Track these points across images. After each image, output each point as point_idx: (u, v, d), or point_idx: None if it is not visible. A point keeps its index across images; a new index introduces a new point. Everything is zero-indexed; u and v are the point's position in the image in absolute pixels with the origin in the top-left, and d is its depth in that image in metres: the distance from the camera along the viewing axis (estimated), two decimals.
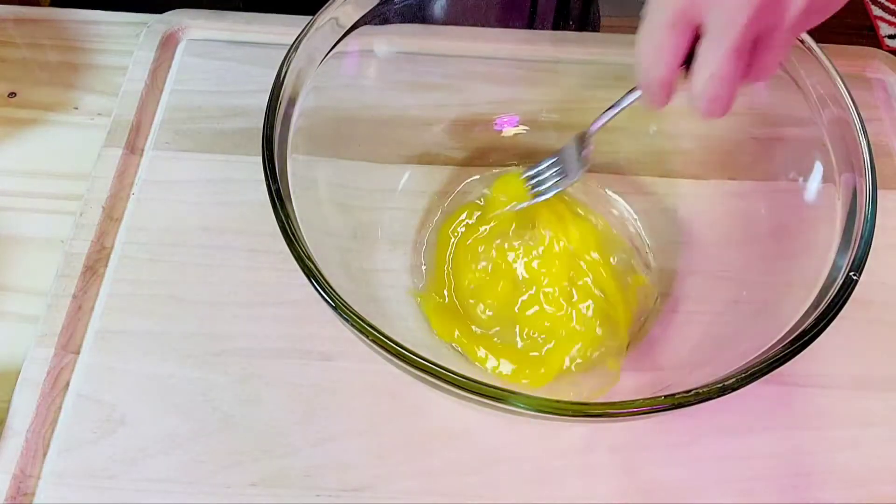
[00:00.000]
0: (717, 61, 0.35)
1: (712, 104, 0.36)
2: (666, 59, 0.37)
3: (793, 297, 0.40)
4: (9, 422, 0.43)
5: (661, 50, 0.37)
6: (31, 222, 0.52)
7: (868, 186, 0.41)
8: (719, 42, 0.34)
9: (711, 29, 0.35)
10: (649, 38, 0.37)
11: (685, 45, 0.36)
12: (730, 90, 0.36)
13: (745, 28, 0.33)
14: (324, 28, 0.46)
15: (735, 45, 0.34)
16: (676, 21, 0.36)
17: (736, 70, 0.35)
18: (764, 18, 0.33)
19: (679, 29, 0.36)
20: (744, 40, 0.34)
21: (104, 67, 0.60)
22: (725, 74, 0.35)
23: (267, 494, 0.42)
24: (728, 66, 0.35)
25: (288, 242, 0.38)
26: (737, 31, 0.34)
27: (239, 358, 0.46)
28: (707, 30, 0.35)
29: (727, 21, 0.34)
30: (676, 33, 0.36)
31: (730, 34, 0.34)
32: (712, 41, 0.35)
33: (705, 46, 0.35)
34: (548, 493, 0.43)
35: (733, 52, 0.34)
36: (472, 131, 0.55)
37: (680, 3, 0.35)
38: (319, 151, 0.47)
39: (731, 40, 0.34)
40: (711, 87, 0.36)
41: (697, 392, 0.35)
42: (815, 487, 0.44)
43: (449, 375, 0.34)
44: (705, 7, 0.35)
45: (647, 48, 0.37)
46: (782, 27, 0.34)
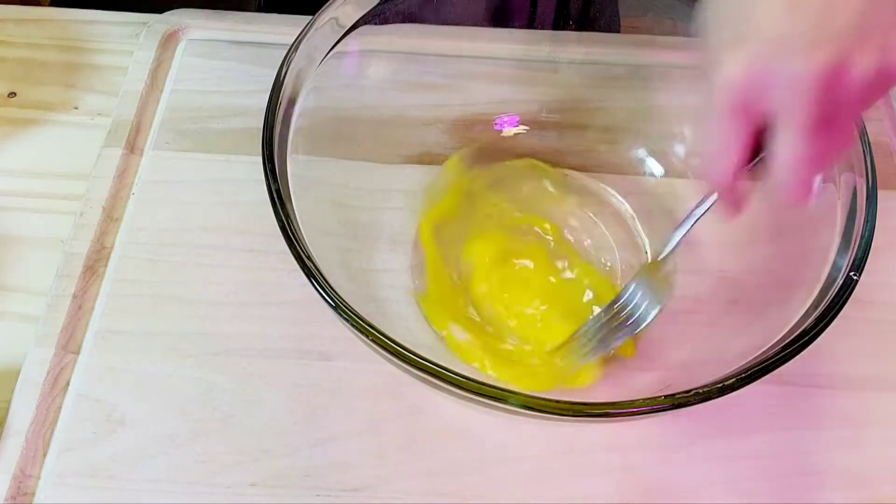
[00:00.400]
0: (794, 142, 0.33)
1: (796, 188, 0.34)
2: (732, 149, 0.35)
3: (793, 297, 0.40)
4: (9, 422, 0.43)
5: (724, 138, 0.35)
6: (31, 222, 0.52)
7: (868, 186, 0.41)
8: (791, 122, 0.33)
9: (779, 112, 0.33)
10: (712, 129, 0.36)
11: (750, 132, 0.35)
12: (812, 171, 0.34)
13: (814, 103, 0.32)
14: (324, 28, 0.46)
15: (808, 122, 0.33)
16: (737, 108, 0.34)
17: (814, 148, 0.33)
18: (830, 91, 0.32)
19: (741, 116, 0.34)
20: (816, 117, 0.33)
21: (104, 67, 0.60)
22: (803, 154, 0.33)
23: (267, 494, 0.42)
24: (806, 146, 0.33)
25: (288, 242, 0.38)
26: (806, 108, 0.32)
27: (239, 358, 0.46)
28: (775, 115, 0.34)
29: (794, 99, 0.33)
30: (739, 121, 0.34)
31: (800, 112, 0.33)
32: (784, 123, 0.33)
33: (777, 131, 0.34)
34: (548, 493, 0.43)
35: (807, 129, 0.33)
36: (472, 131, 0.55)
37: (737, 86, 0.34)
38: (319, 151, 0.47)
39: (803, 118, 0.33)
40: (792, 170, 0.34)
41: (697, 392, 0.35)
42: (815, 487, 0.43)
43: (449, 375, 0.34)
44: (767, 91, 0.33)
45: (711, 140, 0.36)
46: (851, 100, 0.33)
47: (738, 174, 0.36)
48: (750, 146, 0.35)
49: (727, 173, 0.36)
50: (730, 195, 0.38)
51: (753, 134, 0.35)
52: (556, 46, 0.56)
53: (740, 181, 0.37)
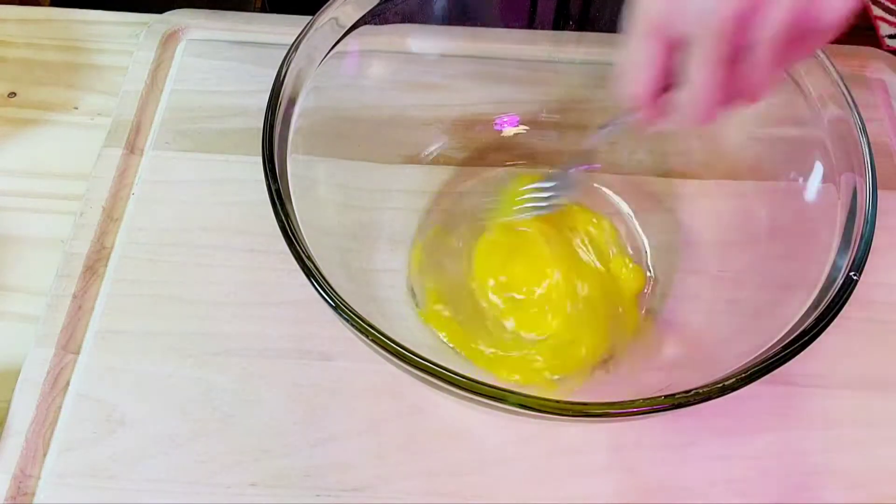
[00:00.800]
0: (699, 71, 0.35)
1: (699, 111, 0.36)
2: (644, 71, 0.37)
3: (793, 297, 0.40)
4: (9, 422, 0.43)
5: (638, 62, 0.37)
6: (31, 222, 0.52)
7: (868, 186, 0.41)
8: (699, 53, 0.34)
9: (691, 41, 0.35)
10: (628, 51, 0.38)
11: (662, 58, 0.36)
12: (714, 98, 0.35)
13: (722, 38, 0.33)
14: (324, 28, 0.46)
15: (714, 55, 0.34)
16: (651, 31, 0.36)
17: (719, 79, 0.35)
18: (740, 31, 0.33)
19: (656, 41, 0.36)
20: (722, 51, 0.34)
21: (104, 67, 0.60)
22: (708, 83, 0.35)
23: (267, 494, 0.42)
24: (710, 76, 0.35)
25: (288, 242, 0.38)
26: (714, 42, 0.34)
27: (239, 358, 0.46)
28: (688, 43, 0.35)
29: (704, 33, 0.34)
30: (652, 44, 0.36)
31: (708, 45, 0.34)
32: (693, 53, 0.35)
33: (688, 59, 0.35)
34: (548, 493, 0.43)
35: (713, 62, 0.34)
36: (472, 131, 0.55)
37: (653, 14, 0.36)
38: (319, 151, 0.47)
39: (710, 51, 0.34)
40: (696, 95, 0.36)
41: (697, 392, 0.35)
42: (815, 487, 0.44)
43: (449, 375, 0.34)
44: (682, 20, 0.35)
45: (625, 63, 0.38)
46: (764, 42, 0.33)
47: (653, 92, 0.38)
48: (665, 66, 0.37)
49: (640, 94, 0.38)
50: (646, 112, 0.39)
51: (664, 55, 0.36)
52: (556, 46, 0.56)
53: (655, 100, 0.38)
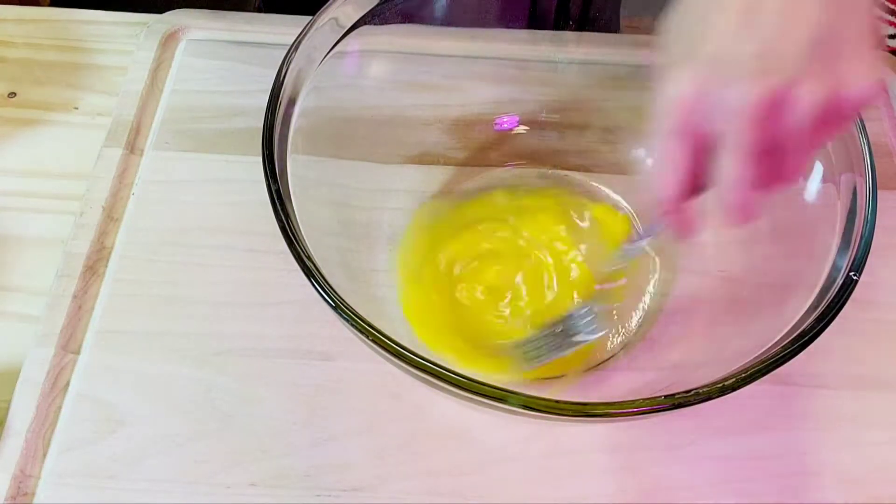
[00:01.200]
0: (733, 167, 0.33)
1: (735, 210, 0.34)
2: (673, 171, 0.35)
3: (793, 297, 0.40)
4: (9, 422, 0.43)
5: (669, 159, 0.35)
6: (31, 222, 0.52)
7: (868, 186, 0.40)
8: (732, 146, 0.33)
9: (720, 136, 0.33)
10: (657, 150, 0.36)
11: (691, 156, 0.35)
12: (750, 195, 0.34)
13: (751, 131, 0.32)
14: (324, 28, 0.46)
15: (748, 147, 0.32)
16: (679, 130, 0.34)
17: (754, 173, 0.33)
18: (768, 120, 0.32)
19: (683, 138, 0.34)
20: (754, 144, 0.32)
21: (104, 67, 0.60)
22: (742, 180, 0.33)
23: (267, 494, 0.42)
24: (745, 170, 0.33)
25: (288, 242, 0.38)
26: (743, 136, 0.32)
27: (239, 358, 0.46)
28: (719, 137, 0.33)
29: (731, 126, 0.32)
30: (681, 144, 0.34)
31: (738, 139, 0.32)
32: (724, 148, 0.33)
33: (720, 152, 0.33)
34: (548, 493, 0.43)
35: (748, 155, 0.33)
36: (472, 131, 0.55)
37: (681, 108, 0.34)
38: (319, 151, 0.47)
39: (740, 145, 0.32)
40: (732, 193, 0.34)
41: (697, 392, 0.35)
42: (815, 487, 0.43)
43: (449, 375, 0.34)
44: (708, 114, 0.33)
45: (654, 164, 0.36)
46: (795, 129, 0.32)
47: (684, 195, 0.36)
48: (695, 167, 0.35)
49: (671, 194, 0.36)
50: (676, 216, 0.37)
51: (699, 154, 0.34)
52: (556, 46, 0.56)
53: (687, 203, 0.36)
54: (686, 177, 0.35)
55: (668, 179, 0.35)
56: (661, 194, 0.36)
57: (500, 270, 0.49)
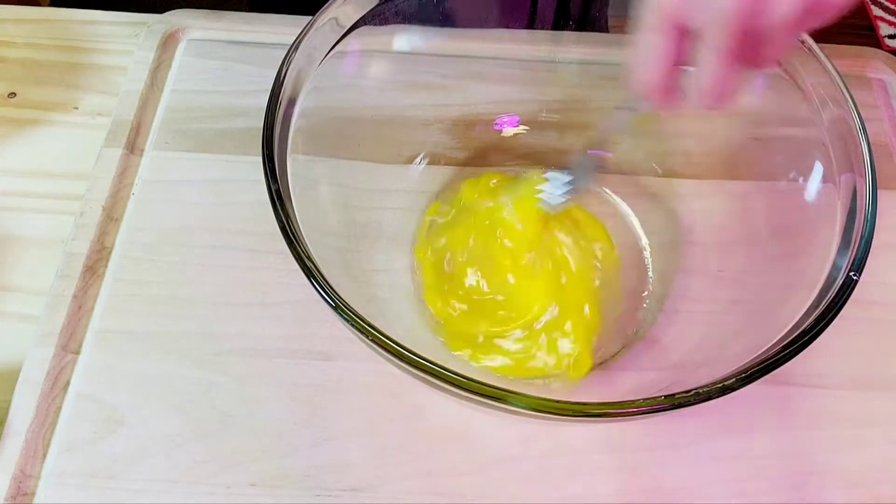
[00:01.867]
0: (712, 60, 0.35)
1: (715, 97, 0.37)
2: (655, 61, 0.38)
3: (793, 297, 0.40)
4: (9, 422, 0.43)
5: (650, 53, 0.38)
6: (31, 222, 0.52)
7: (868, 186, 0.40)
8: (710, 43, 0.35)
9: (702, 30, 0.35)
10: (639, 42, 0.38)
11: (674, 48, 0.37)
12: (729, 82, 0.36)
13: (732, 29, 0.34)
14: (324, 28, 0.46)
15: (725, 44, 0.35)
16: (663, 23, 0.37)
17: (732, 66, 0.35)
18: (748, 18, 0.34)
19: (667, 32, 0.37)
20: (733, 41, 0.34)
21: (104, 67, 0.60)
22: (722, 70, 0.36)
23: (267, 494, 0.42)
24: (723, 63, 0.35)
25: (288, 242, 0.38)
26: (724, 32, 0.34)
27: (239, 358, 0.46)
28: (699, 32, 0.36)
29: (713, 23, 0.34)
30: (664, 36, 0.37)
31: (718, 35, 0.35)
32: (704, 42, 0.35)
33: (699, 47, 0.36)
34: (548, 493, 0.43)
35: (725, 51, 0.35)
36: (472, 131, 0.55)
37: (666, 6, 0.36)
38: (319, 151, 0.47)
39: (721, 41, 0.35)
40: (710, 82, 0.36)
41: (697, 392, 0.35)
42: (815, 487, 0.44)
43: (449, 375, 0.34)
44: (691, 11, 0.35)
45: (638, 52, 0.38)
46: (774, 28, 0.34)
47: (664, 80, 0.38)
48: (672, 57, 0.37)
49: (653, 78, 0.38)
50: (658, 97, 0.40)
51: (675, 46, 0.37)
52: (556, 46, 0.56)
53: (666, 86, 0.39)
54: (667, 64, 0.38)
55: (651, 66, 0.38)
56: (645, 78, 0.39)
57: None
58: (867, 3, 1.69)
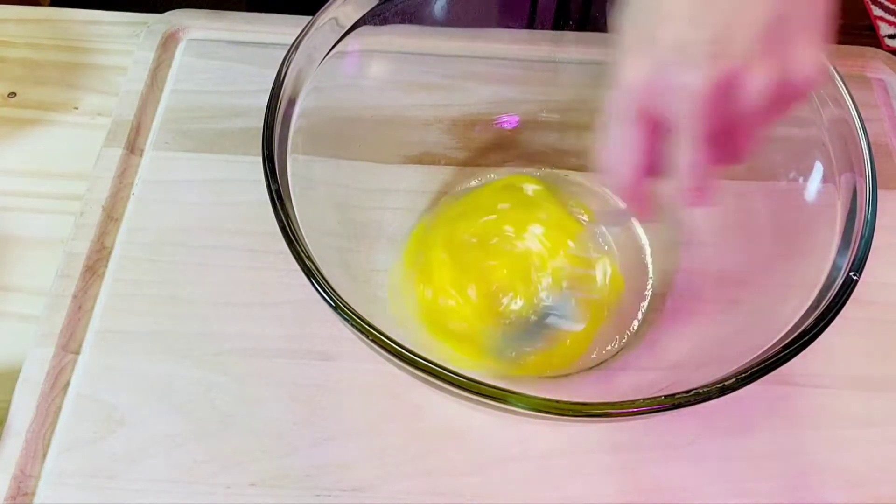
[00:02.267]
0: (687, 152, 0.34)
1: (694, 194, 0.35)
2: (627, 155, 0.36)
3: (793, 297, 0.40)
4: (9, 422, 0.43)
5: (621, 146, 0.36)
6: (31, 222, 0.52)
7: (868, 186, 0.40)
8: (684, 133, 0.34)
9: (674, 121, 0.34)
10: (609, 134, 0.36)
11: (645, 140, 0.35)
12: (707, 177, 0.35)
13: (704, 116, 0.33)
14: (324, 28, 0.46)
15: (699, 133, 0.33)
16: (633, 115, 0.35)
17: (707, 157, 0.34)
18: (721, 104, 0.32)
19: (637, 123, 0.35)
20: (707, 128, 0.33)
21: (104, 67, 0.60)
22: (697, 163, 0.34)
23: (267, 494, 0.42)
24: (698, 155, 0.34)
25: (288, 242, 0.38)
26: (697, 121, 0.33)
27: (239, 358, 0.46)
28: (671, 123, 0.34)
29: (685, 111, 0.33)
30: (635, 129, 0.35)
31: (691, 124, 0.33)
32: (678, 133, 0.34)
33: (673, 140, 0.34)
34: (548, 493, 0.43)
35: (699, 140, 0.33)
36: (472, 131, 0.55)
37: (634, 96, 0.35)
38: (319, 151, 0.47)
39: (694, 130, 0.33)
40: (688, 177, 0.35)
41: (697, 392, 0.35)
42: (815, 487, 0.44)
43: (449, 375, 0.34)
44: (662, 100, 0.34)
45: (608, 145, 0.37)
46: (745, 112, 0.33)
47: (639, 179, 0.37)
48: (649, 149, 0.36)
49: (624, 179, 0.37)
50: (633, 198, 0.38)
51: (652, 137, 0.35)
52: (556, 46, 0.56)
53: (642, 184, 0.37)
54: (641, 160, 0.36)
55: (624, 163, 0.36)
56: (618, 178, 0.37)
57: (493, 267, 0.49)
58: (867, 3, 1.69)
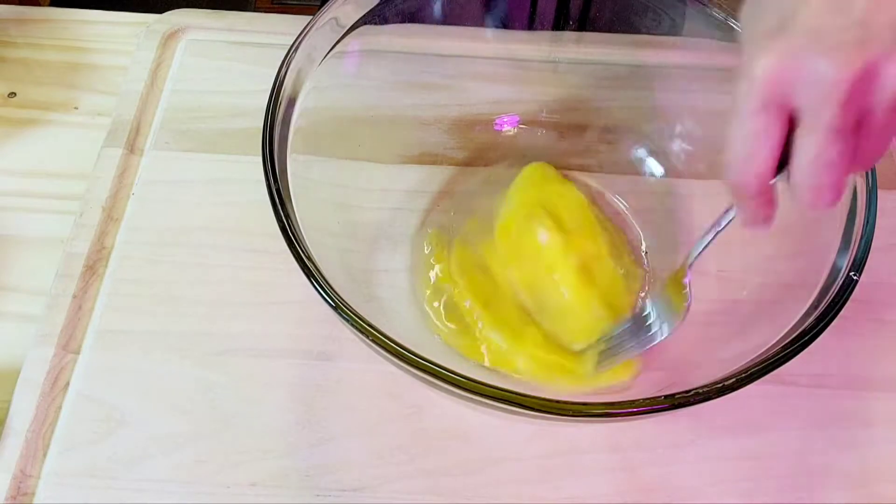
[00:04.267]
0: (818, 144, 0.31)
1: (817, 192, 0.32)
2: (761, 148, 0.33)
3: (793, 297, 0.40)
4: (9, 422, 0.43)
5: (754, 139, 0.33)
6: (31, 222, 0.52)
7: (868, 186, 0.40)
8: (816, 123, 0.31)
9: (806, 111, 0.31)
10: (739, 128, 0.33)
11: (780, 133, 0.32)
12: (835, 175, 0.32)
13: (842, 106, 0.30)
14: (324, 28, 0.46)
15: (834, 124, 0.31)
16: (767, 105, 0.32)
17: (839, 152, 0.31)
18: (860, 95, 0.30)
19: (771, 113, 0.32)
20: (843, 120, 0.31)
21: (104, 67, 0.60)
22: (827, 157, 0.31)
23: (267, 494, 0.42)
24: (830, 148, 0.31)
25: (288, 242, 0.38)
26: (833, 110, 0.30)
27: (239, 358, 0.46)
28: (802, 113, 0.32)
29: (822, 100, 0.30)
30: (769, 118, 0.32)
31: (826, 113, 0.31)
32: (809, 123, 0.31)
33: (802, 131, 0.32)
34: (548, 494, 0.43)
35: (833, 132, 0.31)
36: (472, 131, 0.55)
37: (767, 84, 0.32)
38: (319, 151, 0.47)
39: (829, 119, 0.31)
40: (814, 173, 0.32)
41: (697, 392, 0.35)
42: (815, 487, 0.43)
43: (449, 375, 0.34)
44: (796, 87, 0.31)
45: (738, 139, 0.33)
46: (882, 107, 0.31)
47: (768, 178, 0.33)
48: (779, 143, 0.33)
49: (757, 177, 0.33)
50: (758, 202, 0.35)
51: (782, 131, 0.32)
52: (556, 46, 0.56)
53: (770, 187, 0.34)
54: (774, 157, 0.33)
55: (754, 160, 0.33)
56: (746, 177, 0.34)
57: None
58: None
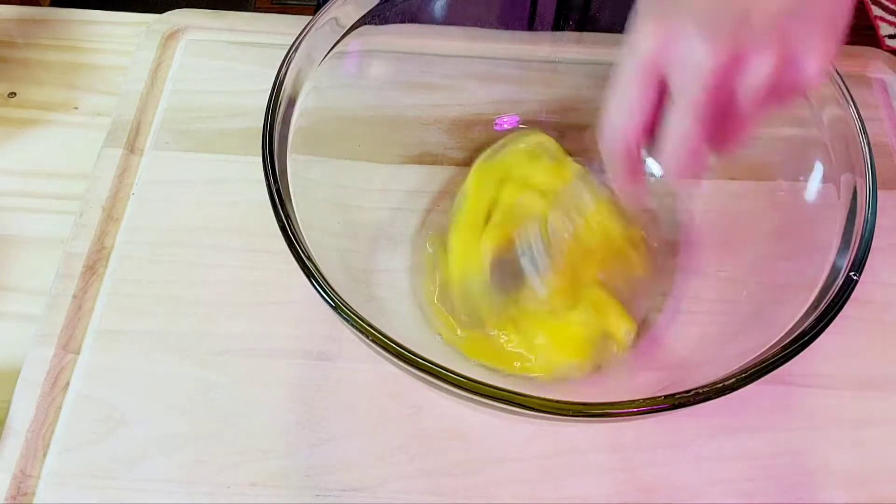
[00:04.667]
0: (681, 121, 0.34)
1: (677, 164, 0.35)
2: (633, 115, 0.35)
3: (793, 297, 0.40)
4: (9, 422, 0.43)
5: (627, 106, 0.36)
6: (31, 222, 0.52)
7: (868, 186, 0.41)
8: (682, 101, 0.34)
9: (676, 88, 0.34)
10: (615, 94, 0.36)
11: (651, 104, 0.35)
12: (694, 151, 0.34)
13: (706, 89, 0.33)
14: (324, 28, 0.46)
15: (698, 104, 0.33)
16: (644, 77, 0.35)
17: (699, 132, 0.34)
18: (726, 82, 0.32)
19: (646, 85, 0.35)
20: (706, 102, 0.33)
21: (104, 67, 0.60)
22: (689, 134, 0.34)
23: (267, 494, 0.42)
24: (691, 127, 0.34)
25: (288, 242, 0.38)
26: (699, 92, 0.33)
27: (239, 358, 0.46)
28: (673, 89, 0.34)
29: (690, 80, 0.33)
30: (643, 90, 0.35)
31: (692, 93, 0.33)
32: (677, 100, 0.34)
33: (670, 106, 0.34)
34: (548, 493, 0.43)
35: (696, 112, 0.33)
36: (472, 131, 0.55)
37: (647, 58, 0.34)
38: (319, 151, 0.47)
39: (693, 99, 0.33)
40: (675, 146, 0.35)
41: (697, 392, 0.35)
42: (815, 487, 0.44)
43: (449, 375, 0.34)
44: (672, 65, 0.34)
45: (613, 105, 0.36)
46: (746, 95, 0.33)
47: (636, 144, 0.36)
48: (649, 114, 0.35)
49: (626, 141, 0.36)
50: (627, 168, 0.37)
51: (653, 96, 0.35)
52: (556, 46, 0.56)
53: (637, 154, 0.37)
54: (642, 121, 0.36)
55: (629, 124, 0.36)
56: (619, 140, 0.36)
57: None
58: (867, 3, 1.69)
